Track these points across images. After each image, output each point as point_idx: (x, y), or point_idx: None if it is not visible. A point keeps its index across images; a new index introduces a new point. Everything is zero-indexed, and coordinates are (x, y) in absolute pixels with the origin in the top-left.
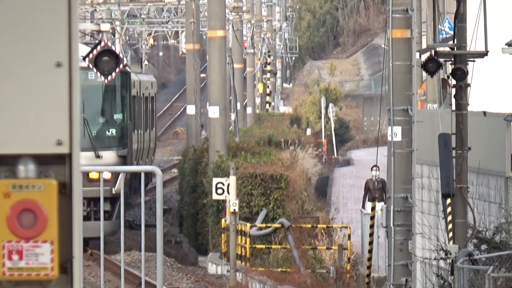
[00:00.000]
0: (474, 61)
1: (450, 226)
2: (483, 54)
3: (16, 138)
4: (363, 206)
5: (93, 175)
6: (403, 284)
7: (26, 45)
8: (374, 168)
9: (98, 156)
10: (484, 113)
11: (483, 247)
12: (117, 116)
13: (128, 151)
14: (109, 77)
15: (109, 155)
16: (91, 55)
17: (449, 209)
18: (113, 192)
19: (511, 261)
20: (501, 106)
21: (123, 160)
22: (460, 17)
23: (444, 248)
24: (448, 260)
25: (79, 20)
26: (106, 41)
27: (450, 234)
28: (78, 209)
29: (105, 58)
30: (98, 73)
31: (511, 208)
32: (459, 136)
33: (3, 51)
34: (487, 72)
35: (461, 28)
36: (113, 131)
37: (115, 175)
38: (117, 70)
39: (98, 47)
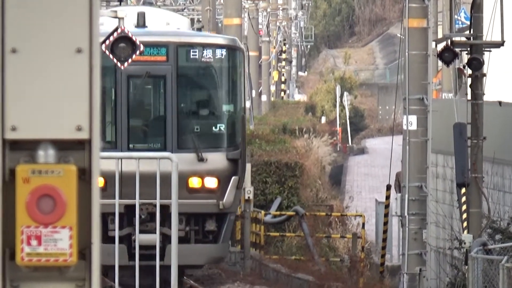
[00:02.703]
0: (490, 51)
1: (464, 215)
2: (499, 44)
3: (36, 124)
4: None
5: (194, 184)
6: (417, 273)
7: (46, 31)
8: None
9: (201, 159)
10: (500, 103)
11: (498, 237)
12: (228, 108)
13: (241, 153)
14: (126, 64)
15: (216, 158)
16: (107, 42)
17: (463, 199)
18: (221, 207)
19: None
20: None
21: (234, 164)
22: (476, 7)
23: (458, 238)
24: (462, 250)
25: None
26: (123, 27)
27: (465, 224)
28: (97, 194)
29: (121, 45)
30: (115, 60)
31: None
32: (475, 125)
33: (24, 37)
34: (503, 62)
35: (478, 18)
36: (221, 127)
37: (223, 185)
38: (133, 56)
39: (115, 34)
